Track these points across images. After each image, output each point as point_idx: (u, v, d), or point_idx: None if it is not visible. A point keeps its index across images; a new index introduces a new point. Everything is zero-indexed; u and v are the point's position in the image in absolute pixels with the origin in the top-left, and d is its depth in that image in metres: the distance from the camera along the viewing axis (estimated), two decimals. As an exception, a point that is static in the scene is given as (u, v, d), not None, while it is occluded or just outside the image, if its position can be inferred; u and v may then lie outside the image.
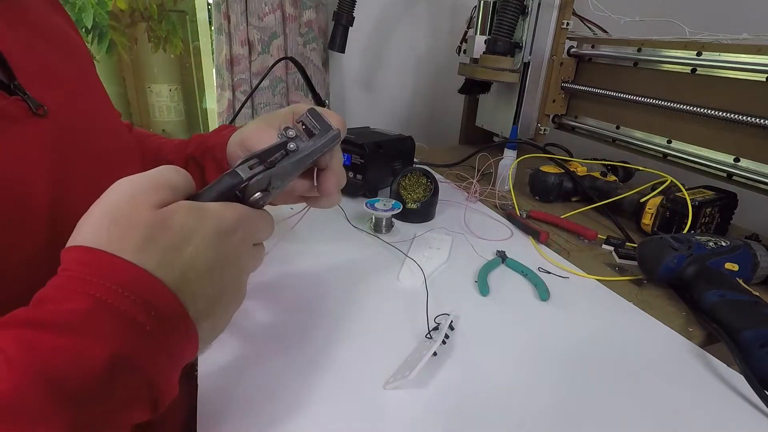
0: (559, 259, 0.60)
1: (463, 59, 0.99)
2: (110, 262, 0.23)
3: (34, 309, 0.22)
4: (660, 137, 0.81)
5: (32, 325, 0.21)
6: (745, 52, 0.66)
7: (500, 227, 0.69)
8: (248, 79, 1.15)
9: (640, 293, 0.54)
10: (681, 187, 0.66)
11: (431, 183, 0.68)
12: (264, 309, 0.45)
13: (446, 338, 0.41)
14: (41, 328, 0.21)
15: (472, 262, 0.57)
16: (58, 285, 0.23)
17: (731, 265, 0.53)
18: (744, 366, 0.39)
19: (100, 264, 0.23)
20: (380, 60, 1.35)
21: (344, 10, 0.94)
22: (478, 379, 0.38)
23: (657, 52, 0.79)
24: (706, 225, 0.67)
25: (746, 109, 0.66)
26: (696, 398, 0.38)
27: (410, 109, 1.45)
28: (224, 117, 1.18)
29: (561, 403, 0.36)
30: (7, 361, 0.20)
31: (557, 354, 0.42)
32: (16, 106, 0.30)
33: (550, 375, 0.39)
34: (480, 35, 0.93)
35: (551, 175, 0.80)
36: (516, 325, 0.45)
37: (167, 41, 1.89)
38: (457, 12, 1.34)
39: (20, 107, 0.30)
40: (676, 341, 0.45)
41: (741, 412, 0.37)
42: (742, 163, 0.68)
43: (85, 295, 0.22)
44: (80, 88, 0.38)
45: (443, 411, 0.35)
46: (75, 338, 0.21)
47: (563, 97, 0.99)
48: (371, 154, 0.70)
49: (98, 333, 0.22)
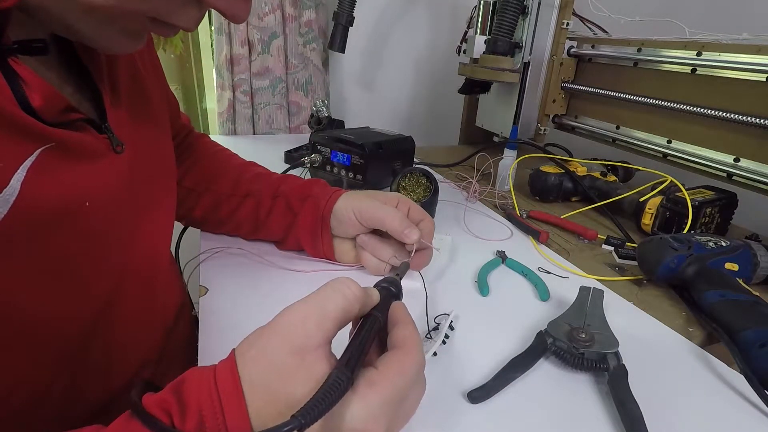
0: (559, 259, 0.60)
1: (463, 59, 0.99)
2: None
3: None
4: (660, 137, 0.81)
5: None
6: (745, 52, 0.66)
7: (500, 227, 0.69)
8: (248, 79, 1.15)
9: (640, 293, 0.54)
10: (681, 187, 0.66)
11: (431, 183, 0.68)
12: (264, 309, 0.45)
13: (446, 338, 0.41)
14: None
15: (472, 262, 0.57)
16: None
17: (731, 265, 0.53)
18: (744, 366, 0.39)
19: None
20: (380, 60, 1.35)
21: (344, 10, 0.94)
22: (478, 379, 0.38)
23: (657, 52, 0.79)
24: (706, 225, 0.67)
25: (746, 109, 0.66)
26: (696, 398, 0.38)
27: (410, 109, 1.45)
28: (224, 117, 1.18)
29: (561, 403, 0.36)
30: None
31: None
32: (103, 143, 0.34)
33: (550, 375, 0.39)
34: (480, 35, 0.93)
35: (551, 175, 0.80)
36: (516, 325, 0.45)
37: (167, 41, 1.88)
38: (457, 12, 1.34)
39: (105, 144, 0.34)
40: (676, 341, 0.45)
41: (741, 412, 0.37)
42: (742, 163, 0.68)
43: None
44: (150, 128, 0.43)
45: (443, 410, 0.35)
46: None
47: (563, 97, 0.99)
48: (371, 155, 0.70)
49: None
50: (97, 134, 0.34)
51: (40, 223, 0.29)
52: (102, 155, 0.34)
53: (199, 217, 0.58)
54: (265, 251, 0.56)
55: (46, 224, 0.29)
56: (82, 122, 0.32)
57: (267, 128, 1.22)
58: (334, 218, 0.51)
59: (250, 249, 0.56)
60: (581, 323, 0.42)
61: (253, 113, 1.20)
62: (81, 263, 0.33)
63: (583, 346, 0.38)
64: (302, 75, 1.20)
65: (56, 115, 0.29)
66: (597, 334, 0.40)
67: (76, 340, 0.35)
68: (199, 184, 0.57)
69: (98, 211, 0.33)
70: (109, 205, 0.35)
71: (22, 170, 0.26)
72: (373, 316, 0.30)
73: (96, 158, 0.33)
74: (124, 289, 0.38)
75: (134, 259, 0.39)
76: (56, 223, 0.30)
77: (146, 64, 0.46)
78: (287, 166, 0.75)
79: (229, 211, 0.56)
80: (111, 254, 0.36)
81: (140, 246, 0.40)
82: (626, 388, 0.35)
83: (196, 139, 0.63)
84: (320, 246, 0.53)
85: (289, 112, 1.23)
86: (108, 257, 0.36)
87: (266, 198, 0.54)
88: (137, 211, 0.40)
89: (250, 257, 0.54)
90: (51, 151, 0.28)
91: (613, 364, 0.38)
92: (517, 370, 0.38)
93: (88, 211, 0.32)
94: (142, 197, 0.40)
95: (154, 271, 0.44)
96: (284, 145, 1.01)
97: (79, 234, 0.32)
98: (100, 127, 0.34)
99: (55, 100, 0.29)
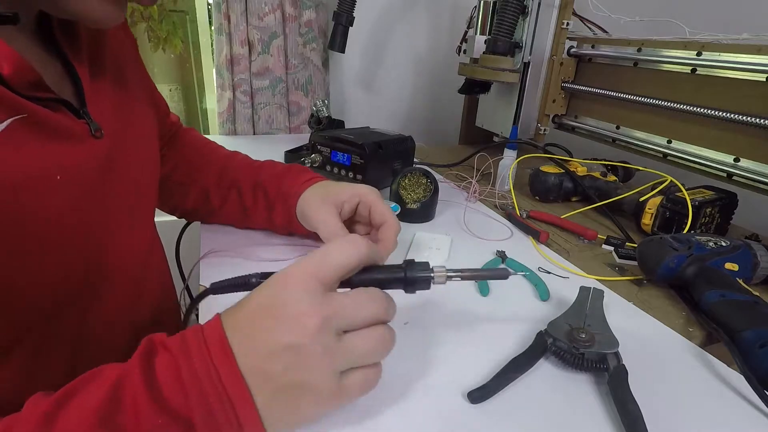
0: (559, 259, 0.60)
1: (463, 59, 0.99)
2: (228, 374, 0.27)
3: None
4: (660, 137, 0.81)
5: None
6: (745, 52, 0.66)
7: (500, 227, 0.69)
8: (248, 79, 1.15)
9: (640, 293, 0.54)
10: (681, 187, 0.66)
11: (431, 183, 0.68)
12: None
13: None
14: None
15: (472, 262, 0.57)
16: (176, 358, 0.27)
17: (731, 265, 0.53)
18: (744, 366, 0.39)
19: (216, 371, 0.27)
20: (380, 60, 1.35)
21: (344, 10, 0.94)
22: (478, 379, 0.38)
23: (657, 52, 0.79)
24: (706, 225, 0.67)
25: (746, 109, 0.66)
26: (696, 398, 0.38)
27: (410, 109, 1.45)
28: (224, 117, 1.18)
29: (561, 403, 0.36)
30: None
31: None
32: (81, 127, 0.35)
33: (550, 375, 0.39)
34: (480, 35, 0.93)
35: (551, 175, 0.80)
36: (516, 325, 0.45)
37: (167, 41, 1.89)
38: (457, 12, 1.34)
39: (83, 129, 0.36)
40: (676, 341, 0.45)
41: (741, 412, 0.37)
42: (742, 163, 0.68)
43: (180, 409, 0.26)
44: (134, 118, 0.45)
45: (443, 410, 0.35)
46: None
47: (563, 97, 0.99)
48: (371, 155, 0.70)
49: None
50: (76, 119, 0.35)
51: (6, 188, 0.29)
52: (79, 139, 0.35)
53: (190, 209, 0.60)
54: (264, 253, 0.56)
55: (13, 191, 0.30)
56: (58, 104, 0.34)
57: (267, 128, 1.22)
58: (299, 215, 0.52)
59: (249, 255, 0.56)
60: (581, 323, 0.42)
61: (253, 113, 1.20)
62: (53, 237, 0.34)
63: (583, 346, 0.39)
64: (302, 75, 1.20)
65: (26, 87, 0.30)
66: (597, 334, 0.40)
67: (49, 311, 0.36)
68: (187, 177, 0.59)
69: (72, 188, 0.34)
70: (84, 186, 0.36)
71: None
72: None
73: (72, 139, 0.34)
74: (102, 271, 0.39)
75: (114, 245, 0.41)
76: (23, 192, 0.30)
77: (129, 54, 0.48)
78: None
79: (217, 202, 0.58)
80: (87, 235, 0.37)
81: (118, 233, 0.41)
82: (626, 388, 0.35)
83: (182, 134, 0.64)
84: (303, 232, 0.54)
85: (289, 112, 1.23)
86: (83, 237, 0.37)
87: (247, 189, 0.56)
88: (117, 198, 0.40)
89: (250, 257, 0.54)
90: (23, 123, 0.30)
91: (613, 364, 0.38)
92: (517, 370, 0.38)
93: (60, 186, 0.33)
94: (122, 185, 0.41)
95: (134, 258, 0.45)
96: (284, 145, 1.01)
97: (48, 207, 0.33)
98: (79, 112, 0.36)
99: (24, 70, 0.30)
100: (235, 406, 0.26)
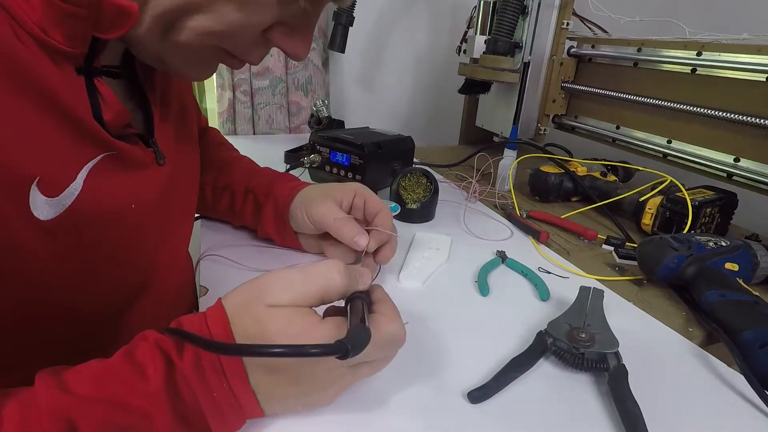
0: (559, 259, 0.60)
1: (463, 59, 0.99)
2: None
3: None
4: (660, 137, 0.81)
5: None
6: (745, 52, 0.66)
7: (500, 227, 0.69)
8: (248, 79, 1.15)
9: (640, 293, 0.54)
10: (681, 187, 0.66)
11: (431, 183, 0.68)
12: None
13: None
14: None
15: (472, 262, 0.57)
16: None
17: (731, 265, 0.53)
18: (744, 366, 0.39)
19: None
20: (380, 60, 1.35)
21: (344, 10, 0.94)
22: (478, 379, 0.38)
23: (657, 52, 0.79)
24: (706, 225, 0.67)
25: (746, 109, 0.66)
26: (696, 398, 0.38)
27: (410, 109, 1.45)
28: (224, 117, 1.18)
29: (561, 403, 0.36)
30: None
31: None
32: (149, 156, 0.38)
33: (550, 375, 0.39)
34: (480, 35, 0.93)
35: (551, 175, 0.80)
36: (516, 325, 0.45)
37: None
38: (457, 12, 1.34)
39: (150, 157, 0.38)
40: (676, 341, 0.45)
41: (741, 412, 0.37)
42: (742, 163, 0.68)
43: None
44: (187, 143, 0.48)
45: (443, 410, 0.35)
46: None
47: (563, 97, 0.99)
48: (371, 155, 0.70)
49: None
50: (145, 148, 0.38)
51: (92, 220, 0.32)
52: (147, 166, 0.38)
53: None
54: (262, 259, 0.56)
55: (96, 222, 0.33)
56: (134, 136, 0.37)
57: (267, 128, 1.21)
58: (292, 219, 0.53)
59: (249, 261, 0.56)
60: (581, 323, 0.42)
61: (253, 113, 1.20)
62: (115, 261, 0.36)
63: (583, 346, 0.38)
64: (302, 75, 1.20)
65: (119, 129, 0.34)
66: (597, 334, 0.40)
67: (86, 328, 0.37)
68: None
69: (140, 214, 0.37)
70: (149, 210, 0.38)
71: (86, 170, 0.30)
72: (360, 297, 0.32)
73: (142, 168, 0.37)
74: (145, 288, 0.41)
75: (160, 261, 0.43)
76: (105, 223, 0.33)
77: (187, 91, 0.52)
78: (287, 167, 0.75)
79: (211, 201, 0.60)
80: (143, 256, 0.40)
81: (167, 251, 0.44)
82: (626, 388, 0.35)
83: (205, 132, 0.66)
84: (287, 241, 0.56)
85: (289, 112, 1.23)
86: (140, 258, 0.39)
87: (239, 192, 0.58)
88: (169, 218, 0.43)
89: (250, 258, 0.54)
90: (110, 158, 0.33)
91: (613, 364, 0.38)
92: (517, 370, 0.38)
93: (133, 214, 0.36)
94: (174, 206, 0.44)
95: (174, 274, 0.47)
96: (284, 145, 1.01)
97: (121, 235, 0.35)
98: (148, 141, 0.39)
99: (122, 116, 0.34)
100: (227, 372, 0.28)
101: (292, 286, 0.30)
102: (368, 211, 0.51)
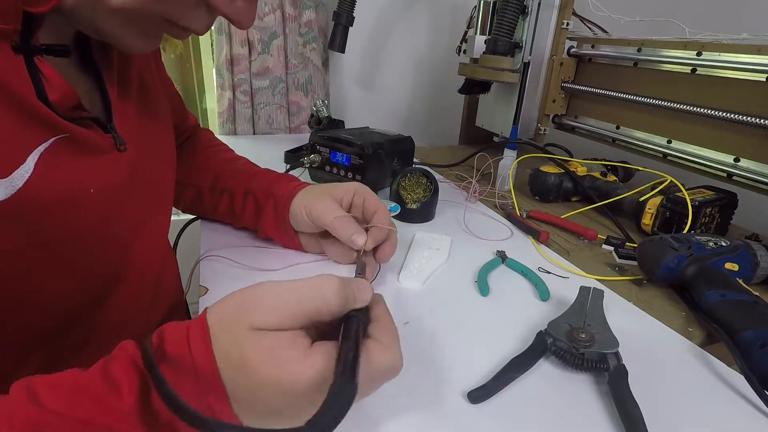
0: (559, 259, 0.60)
1: (463, 59, 0.99)
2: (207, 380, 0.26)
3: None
4: (660, 137, 0.81)
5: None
6: (745, 52, 0.66)
7: (500, 227, 0.69)
8: (248, 78, 1.15)
9: (640, 293, 0.54)
10: (681, 187, 0.66)
11: (431, 183, 0.68)
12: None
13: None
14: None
15: (472, 262, 0.57)
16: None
17: (731, 265, 0.53)
18: (744, 366, 0.39)
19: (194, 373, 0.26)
20: (380, 60, 1.35)
21: (344, 9, 0.94)
22: (478, 379, 0.38)
23: (657, 52, 0.79)
24: (706, 225, 0.67)
25: (746, 109, 0.66)
26: (696, 398, 0.38)
27: (410, 109, 1.45)
28: (224, 117, 1.18)
29: (561, 403, 0.36)
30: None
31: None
32: (107, 141, 0.37)
33: (550, 375, 0.39)
34: (480, 35, 0.93)
35: (551, 175, 0.80)
36: (516, 325, 0.45)
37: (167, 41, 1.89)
38: (457, 12, 1.34)
39: (109, 143, 0.38)
40: (676, 341, 0.45)
41: (741, 412, 0.37)
42: (742, 163, 0.68)
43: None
44: (155, 129, 0.47)
45: (443, 410, 0.35)
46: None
47: (563, 97, 0.99)
48: (371, 155, 0.70)
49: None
50: (103, 133, 0.37)
51: (46, 204, 0.31)
52: (105, 152, 0.37)
53: (187, 207, 0.62)
54: (263, 259, 0.56)
55: (51, 207, 0.32)
56: (89, 120, 0.36)
57: (267, 128, 1.22)
58: (292, 218, 0.52)
59: (249, 261, 0.56)
60: (581, 323, 0.42)
61: (253, 113, 1.20)
62: (80, 250, 0.35)
63: (583, 346, 0.38)
64: (302, 75, 1.20)
65: (67, 111, 0.33)
66: (597, 334, 0.40)
67: (59, 321, 0.37)
68: (186, 177, 0.60)
69: (101, 201, 0.36)
70: (111, 198, 0.37)
71: (36, 153, 0.30)
72: (356, 317, 0.29)
73: (100, 153, 0.36)
74: (120, 280, 0.40)
75: (135, 252, 0.42)
76: (60, 208, 0.32)
77: (152, 65, 0.49)
78: (287, 167, 0.75)
79: (210, 205, 0.59)
80: (111, 245, 0.39)
81: (142, 241, 0.43)
82: (626, 388, 0.35)
83: (197, 134, 0.65)
84: (287, 241, 0.55)
85: (289, 112, 1.23)
86: (109, 247, 0.38)
87: (239, 194, 0.57)
88: (138, 207, 0.42)
89: (250, 258, 0.54)
90: (63, 142, 0.32)
91: (613, 364, 0.38)
92: (517, 370, 0.38)
93: (91, 199, 0.35)
94: (143, 194, 0.43)
95: (153, 266, 0.46)
96: (284, 145, 1.01)
97: (80, 221, 0.34)
98: (106, 126, 0.38)
99: (69, 96, 0.32)
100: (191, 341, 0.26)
101: (280, 307, 0.27)
102: (366, 209, 0.51)
